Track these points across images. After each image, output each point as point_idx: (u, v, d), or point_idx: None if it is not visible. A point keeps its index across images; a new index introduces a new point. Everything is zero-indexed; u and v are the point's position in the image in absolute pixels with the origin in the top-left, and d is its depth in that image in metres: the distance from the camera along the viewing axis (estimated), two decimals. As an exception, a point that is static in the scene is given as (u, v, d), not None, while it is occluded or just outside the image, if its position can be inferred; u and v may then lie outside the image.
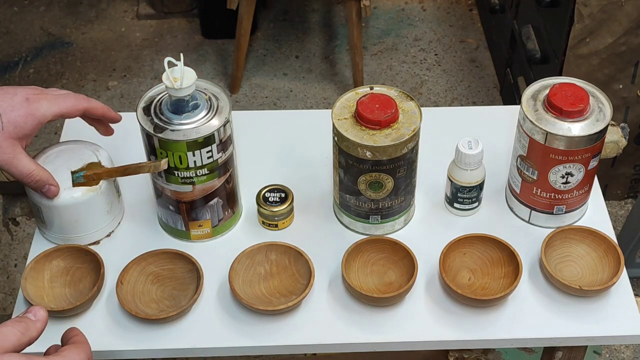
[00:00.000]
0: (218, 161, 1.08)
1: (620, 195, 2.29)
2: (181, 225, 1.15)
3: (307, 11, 2.98)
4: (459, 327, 1.08)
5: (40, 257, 1.12)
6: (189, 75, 1.03)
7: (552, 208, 1.17)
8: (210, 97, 1.08)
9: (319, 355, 1.52)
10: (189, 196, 1.10)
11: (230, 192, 1.14)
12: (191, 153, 1.05)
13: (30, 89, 1.06)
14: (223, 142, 1.07)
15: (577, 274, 1.13)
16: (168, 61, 1.02)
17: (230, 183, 1.13)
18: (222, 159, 1.09)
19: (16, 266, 2.12)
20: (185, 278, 1.11)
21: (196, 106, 1.05)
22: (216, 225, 1.16)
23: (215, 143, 1.06)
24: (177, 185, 1.09)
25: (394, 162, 1.08)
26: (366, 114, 1.07)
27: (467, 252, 1.14)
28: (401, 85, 2.67)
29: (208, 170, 1.08)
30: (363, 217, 1.15)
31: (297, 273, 1.12)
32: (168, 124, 1.04)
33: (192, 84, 1.03)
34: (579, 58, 1.93)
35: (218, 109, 1.07)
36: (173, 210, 1.13)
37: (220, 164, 1.09)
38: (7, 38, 2.86)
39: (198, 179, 1.08)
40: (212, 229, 1.16)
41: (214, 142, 1.06)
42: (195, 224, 1.14)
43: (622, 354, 1.99)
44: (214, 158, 1.07)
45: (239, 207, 1.19)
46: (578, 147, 1.09)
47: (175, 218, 1.14)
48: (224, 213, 1.15)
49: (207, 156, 1.06)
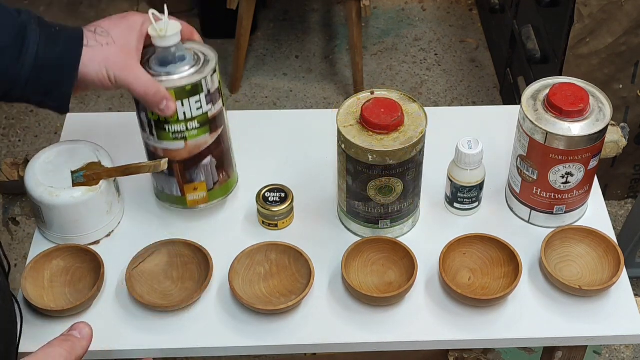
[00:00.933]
0: (208, 114, 1.09)
1: (620, 195, 2.29)
2: (177, 191, 1.15)
3: (307, 11, 2.98)
4: (459, 327, 1.08)
5: (40, 257, 1.12)
6: (173, 26, 1.05)
7: (552, 208, 1.17)
8: (196, 52, 1.09)
9: (319, 355, 1.52)
10: (181, 154, 1.10)
11: (223, 153, 1.15)
12: (180, 102, 1.06)
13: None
14: (212, 93, 1.08)
15: (577, 274, 1.13)
16: (152, 13, 1.04)
17: (223, 142, 1.14)
18: (212, 113, 1.09)
19: (16, 266, 2.12)
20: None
21: (182, 58, 1.07)
22: (212, 188, 1.16)
23: (204, 92, 1.07)
24: (169, 142, 1.09)
25: (403, 166, 1.08)
26: (373, 119, 1.07)
27: (467, 252, 1.14)
28: (401, 85, 2.67)
29: (199, 124, 1.09)
30: (372, 223, 1.15)
31: (297, 273, 1.12)
32: (156, 75, 1.06)
33: (176, 33, 1.05)
34: (579, 58, 1.93)
35: (204, 61, 1.08)
36: (167, 174, 1.13)
37: (211, 117, 1.09)
38: (7, 38, 2.86)
39: (189, 133, 1.09)
40: (208, 192, 1.15)
41: (202, 90, 1.07)
42: (191, 187, 1.14)
43: (622, 354, 1.99)
44: (204, 110, 1.08)
45: (234, 172, 1.19)
46: (578, 147, 1.09)
47: (170, 183, 1.14)
48: (219, 175, 1.15)
49: (197, 107, 1.07)
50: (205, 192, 1.15)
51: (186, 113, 1.07)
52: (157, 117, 1.07)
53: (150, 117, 1.07)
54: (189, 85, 1.05)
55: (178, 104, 1.06)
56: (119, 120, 1.35)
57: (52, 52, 0.96)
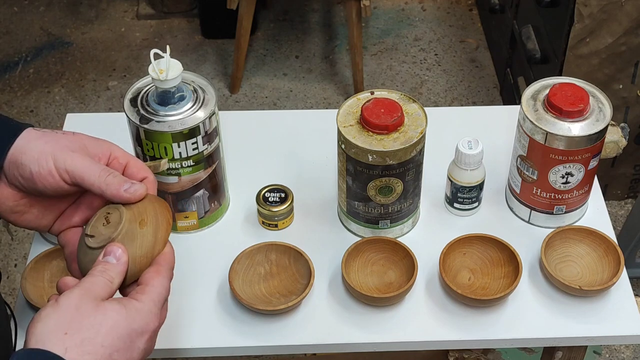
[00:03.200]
0: (204, 153, 1.09)
1: (620, 195, 2.29)
2: None
3: (307, 11, 2.98)
4: (459, 327, 1.08)
5: (40, 257, 1.12)
6: (174, 67, 1.04)
7: (552, 208, 1.17)
8: (196, 89, 1.08)
9: (319, 355, 1.52)
10: (174, 187, 1.11)
11: (216, 184, 1.15)
12: (176, 144, 1.06)
13: None
14: (209, 133, 1.08)
15: (577, 274, 1.13)
16: (154, 53, 1.03)
17: (216, 175, 1.14)
18: (207, 151, 1.09)
19: (16, 266, 2.12)
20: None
21: (182, 98, 1.06)
22: (202, 217, 1.16)
23: (201, 135, 1.07)
24: (163, 176, 1.09)
25: (403, 166, 1.08)
26: (373, 120, 1.07)
27: (467, 252, 1.14)
28: (401, 85, 2.67)
29: (194, 162, 1.09)
30: (372, 223, 1.15)
31: (297, 273, 1.12)
32: (154, 115, 1.05)
33: (177, 76, 1.04)
34: (579, 58, 1.93)
35: (204, 101, 1.07)
36: None
37: (206, 155, 1.10)
38: (7, 38, 2.86)
39: (184, 170, 1.09)
40: (199, 220, 1.16)
41: (199, 133, 1.06)
42: (182, 215, 1.15)
43: (622, 354, 1.99)
44: (200, 150, 1.08)
45: (225, 199, 1.20)
46: (578, 147, 1.09)
47: None
48: (210, 205, 1.16)
49: (193, 147, 1.07)
50: (196, 220, 1.16)
51: (182, 153, 1.07)
52: (152, 154, 1.07)
53: (145, 153, 1.08)
54: (186, 130, 1.05)
55: (174, 145, 1.05)
56: (119, 120, 1.35)
57: None
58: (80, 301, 0.71)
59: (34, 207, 0.84)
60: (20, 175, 0.81)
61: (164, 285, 0.77)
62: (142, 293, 0.75)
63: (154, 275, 0.77)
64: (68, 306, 0.71)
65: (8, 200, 0.83)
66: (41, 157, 0.80)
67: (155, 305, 0.75)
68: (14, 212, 0.84)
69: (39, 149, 0.80)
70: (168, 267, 0.79)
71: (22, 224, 0.85)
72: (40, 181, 0.80)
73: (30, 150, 0.80)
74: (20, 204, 0.84)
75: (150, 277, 0.77)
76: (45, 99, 2.63)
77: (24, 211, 0.84)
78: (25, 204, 0.84)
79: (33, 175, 0.80)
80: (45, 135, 0.82)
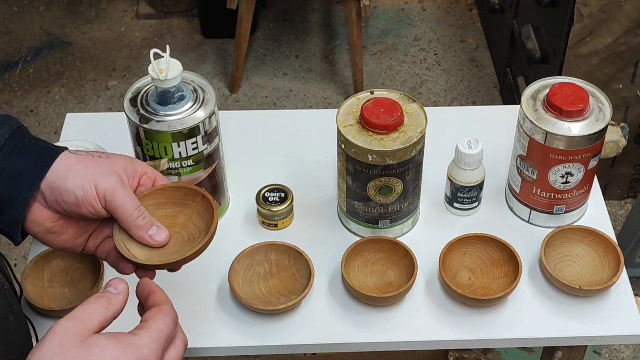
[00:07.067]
0: (204, 153, 1.09)
1: (620, 195, 2.29)
2: None
3: (307, 11, 2.98)
4: (459, 327, 1.08)
5: (40, 257, 1.12)
6: (174, 67, 1.04)
7: (552, 208, 1.17)
8: (196, 89, 1.08)
9: (319, 355, 1.52)
10: None
11: (216, 184, 1.15)
12: (176, 144, 1.06)
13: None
14: (209, 133, 1.08)
15: (577, 274, 1.13)
16: (154, 53, 1.03)
17: (216, 175, 1.14)
18: (207, 151, 1.09)
19: (16, 266, 2.12)
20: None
21: (182, 98, 1.06)
22: None
23: (201, 135, 1.07)
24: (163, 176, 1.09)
25: (403, 166, 1.08)
26: (373, 119, 1.07)
27: (467, 252, 1.14)
28: (401, 85, 2.67)
29: (194, 162, 1.09)
30: (372, 223, 1.15)
31: (297, 273, 1.12)
32: (154, 115, 1.05)
33: (177, 76, 1.04)
34: (579, 58, 1.93)
35: (204, 100, 1.07)
36: None
37: (206, 155, 1.10)
38: (7, 38, 2.86)
39: (184, 170, 1.09)
40: None
41: (199, 133, 1.06)
42: None
43: (622, 354, 1.99)
44: (200, 150, 1.08)
45: (225, 199, 1.20)
46: (578, 147, 1.09)
47: None
48: None
49: (193, 147, 1.07)
50: None
51: (182, 153, 1.07)
52: (152, 154, 1.07)
53: (145, 153, 1.08)
54: (186, 130, 1.05)
55: (174, 145, 1.05)
56: (119, 120, 1.35)
57: (12, 165, 0.82)
58: (64, 336, 0.70)
59: (70, 228, 0.87)
60: (64, 201, 0.83)
61: (166, 322, 0.76)
62: (141, 329, 0.74)
63: (155, 313, 0.77)
64: (51, 342, 0.69)
65: (47, 221, 0.85)
66: (85, 183, 0.82)
67: (154, 341, 0.73)
68: (51, 233, 0.86)
69: (82, 175, 0.83)
70: (171, 307, 0.78)
71: (57, 245, 0.87)
72: (86, 206, 0.83)
73: (74, 177, 0.82)
74: (57, 225, 0.86)
75: (151, 315, 0.77)
76: (45, 99, 2.63)
77: (61, 232, 0.86)
78: (62, 225, 0.86)
79: (79, 201, 0.82)
80: (85, 160, 0.84)
